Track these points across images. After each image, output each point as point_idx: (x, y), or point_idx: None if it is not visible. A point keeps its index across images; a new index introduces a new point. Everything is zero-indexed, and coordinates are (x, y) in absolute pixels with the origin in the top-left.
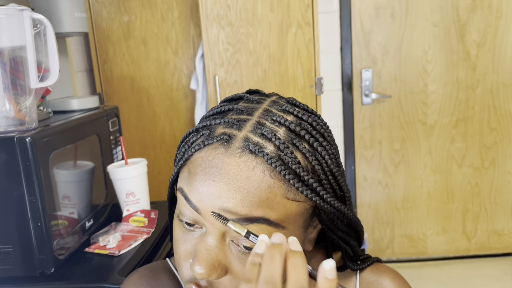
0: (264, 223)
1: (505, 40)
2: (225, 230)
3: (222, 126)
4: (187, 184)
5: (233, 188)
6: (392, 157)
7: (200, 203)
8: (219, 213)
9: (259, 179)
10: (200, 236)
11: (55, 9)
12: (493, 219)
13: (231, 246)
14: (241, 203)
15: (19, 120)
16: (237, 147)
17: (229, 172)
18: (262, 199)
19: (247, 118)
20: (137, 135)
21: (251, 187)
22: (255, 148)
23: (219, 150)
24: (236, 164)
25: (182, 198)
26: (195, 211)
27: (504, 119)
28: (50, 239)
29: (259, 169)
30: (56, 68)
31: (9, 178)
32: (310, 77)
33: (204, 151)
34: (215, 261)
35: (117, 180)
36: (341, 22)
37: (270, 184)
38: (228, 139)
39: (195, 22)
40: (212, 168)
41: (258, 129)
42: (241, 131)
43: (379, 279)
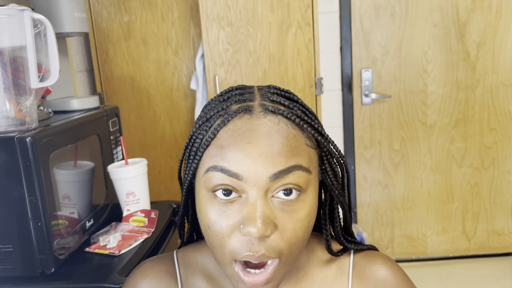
0: (299, 170)
1: (505, 40)
2: (268, 187)
3: (235, 104)
4: (222, 157)
5: (270, 143)
6: (392, 157)
7: (242, 168)
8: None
9: (285, 131)
10: (242, 204)
11: (55, 9)
12: (493, 219)
13: (273, 200)
14: (280, 155)
15: (19, 120)
16: (259, 111)
17: (261, 130)
18: (292, 147)
19: (251, 96)
20: (137, 135)
21: (282, 139)
22: (274, 108)
23: (245, 117)
24: (264, 123)
25: (216, 174)
26: (236, 179)
27: (503, 119)
28: (50, 239)
29: (283, 123)
30: (56, 68)
31: (10, 178)
32: (310, 77)
33: (229, 125)
34: (265, 217)
35: (117, 180)
36: (341, 22)
37: (294, 134)
38: (248, 108)
39: (195, 22)
40: (244, 132)
41: (266, 98)
42: (254, 101)
43: (371, 262)
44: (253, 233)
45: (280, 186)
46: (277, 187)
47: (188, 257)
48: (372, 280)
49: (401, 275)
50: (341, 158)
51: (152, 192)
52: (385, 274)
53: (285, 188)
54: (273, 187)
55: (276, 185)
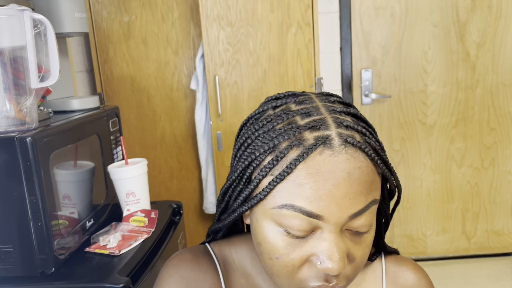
0: (374, 204)
1: (505, 40)
2: (343, 223)
3: (308, 131)
4: (300, 197)
5: (353, 183)
6: (391, 157)
7: (324, 210)
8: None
9: (365, 165)
10: (317, 238)
11: (56, 9)
12: (493, 219)
13: (346, 233)
14: (361, 195)
15: (19, 120)
16: (339, 144)
17: (344, 169)
18: (371, 183)
19: (321, 118)
20: (137, 135)
21: (364, 175)
22: (352, 140)
23: (326, 153)
24: (346, 159)
25: (293, 214)
26: (315, 219)
27: (503, 119)
28: (50, 239)
29: (362, 156)
30: (56, 68)
31: (10, 178)
32: (310, 77)
33: (308, 160)
34: (342, 253)
35: (118, 180)
36: (341, 23)
37: (371, 166)
38: (327, 141)
39: (195, 22)
40: (327, 172)
41: (340, 123)
42: (330, 130)
43: (402, 268)
44: (331, 271)
45: (358, 227)
46: (354, 225)
47: (224, 252)
48: (404, 286)
49: (429, 283)
50: (398, 186)
51: (152, 192)
52: (416, 281)
53: (358, 231)
54: (349, 224)
55: (353, 223)
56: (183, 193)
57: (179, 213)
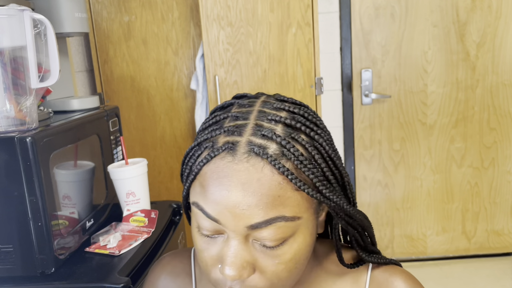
0: (281, 221)
1: (505, 40)
2: (247, 234)
3: (223, 135)
4: (202, 198)
5: (248, 194)
6: (391, 157)
7: (218, 214)
8: None
9: (269, 178)
10: (224, 241)
11: (56, 9)
12: (493, 219)
13: (255, 244)
14: (257, 207)
15: (19, 120)
16: (243, 152)
17: (240, 178)
18: (275, 197)
19: (244, 123)
20: (137, 135)
21: (263, 188)
22: (260, 150)
23: (227, 159)
24: (246, 169)
25: (199, 212)
26: (214, 222)
27: (503, 119)
28: (50, 239)
29: (268, 169)
30: (56, 68)
31: (10, 178)
32: (310, 77)
33: (212, 163)
34: (243, 262)
35: (118, 180)
36: (341, 22)
37: (280, 181)
38: (232, 147)
39: (195, 22)
40: (223, 178)
41: (258, 131)
42: (242, 136)
43: (390, 278)
44: (228, 277)
45: (262, 239)
46: (258, 237)
47: None
48: None
49: None
50: (344, 208)
51: (152, 192)
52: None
53: (265, 245)
54: (253, 235)
55: (256, 234)
56: None
57: (179, 213)
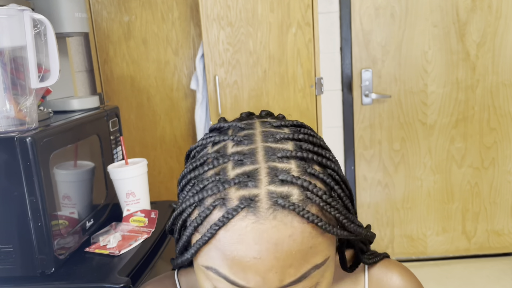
0: (314, 271)
1: (505, 40)
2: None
3: (234, 188)
4: (223, 265)
5: (282, 255)
6: (392, 157)
7: (249, 282)
8: None
9: (299, 232)
10: None
11: (56, 9)
12: (493, 219)
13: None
14: (291, 267)
15: (19, 120)
16: (267, 208)
17: (271, 239)
18: (308, 250)
19: (254, 168)
20: (137, 135)
21: (297, 245)
22: (285, 202)
23: (249, 219)
24: (274, 226)
25: (220, 279)
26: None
27: (503, 119)
28: (50, 239)
29: (296, 221)
30: (56, 68)
31: (10, 178)
32: (310, 77)
33: (229, 226)
34: None
35: (117, 180)
36: (341, 22)
37: (310, 230)
38: (251, 203)
39: (195, 22)
40: (250, 242)
41: (274, 177)
42: (259, 187)
43: (388, 273)
44: None
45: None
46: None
47: (192, 282)
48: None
49: (417, 285)
50: (364, 235)
51: (152, 192)
52: (402, 285)
53: None
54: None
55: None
56: None
57: None
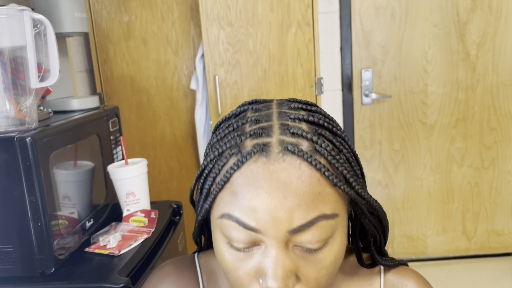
0: (322, 220)
1: (505, 40)
2: (288, 239)
3: (250, 139)
4: (237, 207)
5: (290, 194)
6: (392, 157)
7: (258, 222)
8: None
9: (308, 175)
10: (261, 253)
11: (55, 9)
12: (493, 219)
13: (295, 250)
14: (300, 208)
15: (19, 120)
16: (277, 152)
17: (280, 178)
18: (316, 195)
19: (268, 124)
20: (137, 135)
21: (305, 186)
22: (294, 148)
23: (261, 161)
24: (284, 168)
25: (232, 224)
26: (253, 232)
27: (504, 119)
28: (50, 239)
29: (305, 166)
30: (56, 68)
31: (9, 178)
32: (310, 77)
33: (243, 169)
34: (287, 271)
35: (117, 180)
36: (341, 22)
37: (318, 177)
38: (264, 148)
39: (195, 22)
40: (261, 181)
41: (286, 130)
42: (272, 137)
43: (403, 281)
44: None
45: (304, 242)
46: (300, 241)
47: (211, 264)
48: None
49: None
50: (372, 204)
51: (152, 192)
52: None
53: (307, 248)
54: (295, 239)
55: (298, 238)
56: (183, 193)
57: (179, 213)
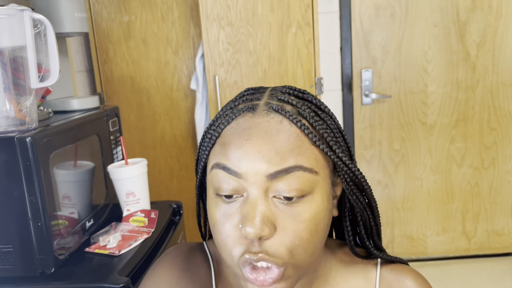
0: (299, 170)
1: (505, 40)
2: (267, 187)
3: (242, 103)
4: (223, 155)
5: (268, 141)
6: (392, 157)
7: (240, 166)
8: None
9: (287, 129)
10: (242, 203)
11: (56, 9)
12: (493, 219)
13: (274, 201)
14: (277, 154)
15: (19, 120)
16: (262, 109)
17: (261, 128)
18: (294, 147)
19: (260, 96)
20: (137, 135)
21: (283, 138)
22: (278, 107)
23: (247, 115)
24: (266, 121)
25: (219, 172)
26: (235, 177)
27: (504, 119)
28: (50, 239)
29: (286, 122)
30: (56, 68)
31: (10, 178)
32: (310, 77)
33: (233, 123)
34: (264, 217)
35: (117, 180)
36: (341, 22)
37: (298, 133)
38: (252, 106)
39: (195, 22)
40: (245, 130)
41: (274, 97)
42: (261, 100)
43: (401, 278)
44: (250, 233)
45: (281, 190)
46: (277, 188)
47: (218, 252)
48: None
49: None
50: (355, 172)
51: (152, 192)
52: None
53: (285, 197)
54: (273, 187)
55: (276, 186)
56: (183, 193)
57: (179, 213)
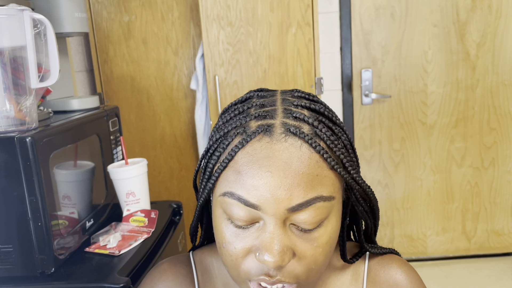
0: (320, 201)
1: (505, 40)
2: (285, 217)
3: (254, 121)
4: (238, 185)
5: (290, 173)
6: (392, 157)
7: (259, 199)
8: None
9: (307, 156)
10: (259, 230)
11: (56, 9)
12: (493, 219)
13: (292, 229)
14: (299, 187)
15: (19, 120)
16: (280, 132)
17: (281, 157)
18: (314, 176)
19: (273, 108)
20: (137, 135)
21: (304, 167)
22: (296, 130)
23: (265, 140)
24: (285, 148)
25: (233, 202)
26: (253, 209)
27: (503, 119)
28: (50, 239)
29: (305, 147)
30: (56, 68)
31: (10, 178)
32: (310, 77)
33: (247, 147)
34: (283, 246)
35: (117, 180)
36: (341, 22)
37: (317, 159)
38: (268, 128)
39: (195, 22)
40: (263, 159)
41: (289, 114)
42: (275, 119)
43: (386, 266)
44: (269, 263)
45: (301, 222)
46: (297, 220)
47: (205, 261)
48: (386, 285)
49: (416, 280)
50: (366, 189)
51: (152, 192)
52: (400, 278)
53: (303, 228)
54: (292, 218)
55: (295, 217)
56: (183, 193)
57: (179, 213)
